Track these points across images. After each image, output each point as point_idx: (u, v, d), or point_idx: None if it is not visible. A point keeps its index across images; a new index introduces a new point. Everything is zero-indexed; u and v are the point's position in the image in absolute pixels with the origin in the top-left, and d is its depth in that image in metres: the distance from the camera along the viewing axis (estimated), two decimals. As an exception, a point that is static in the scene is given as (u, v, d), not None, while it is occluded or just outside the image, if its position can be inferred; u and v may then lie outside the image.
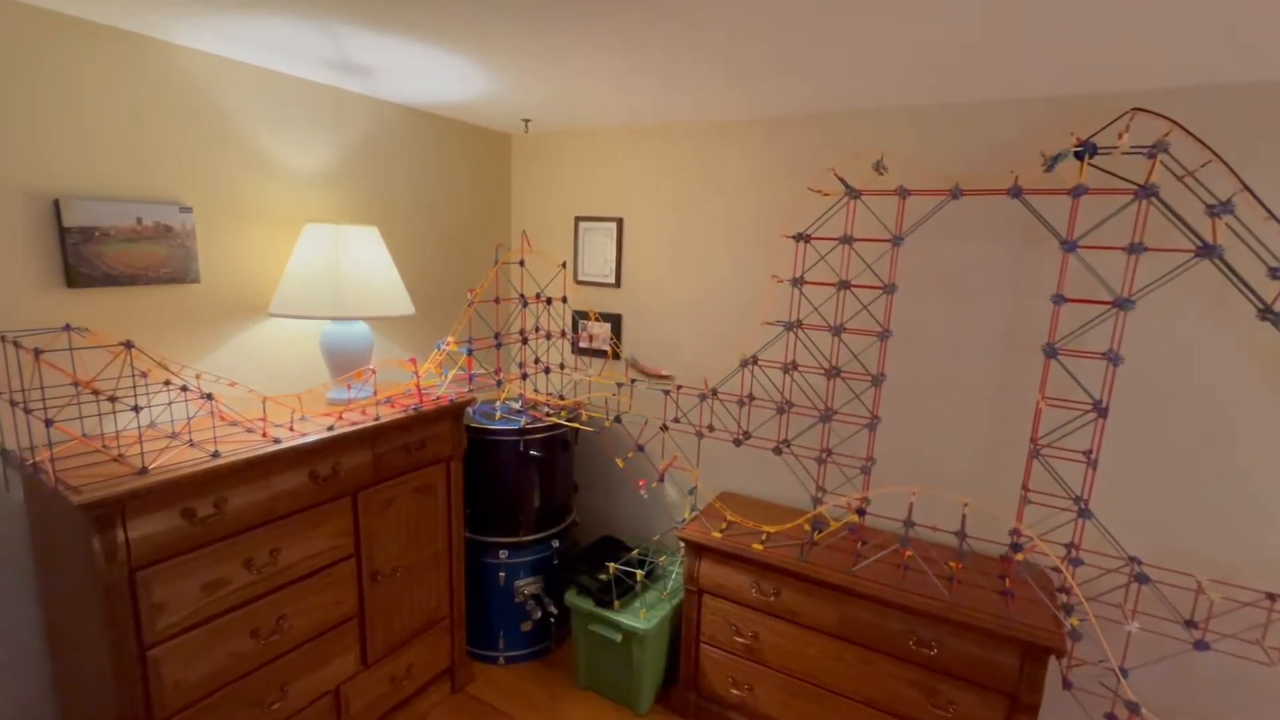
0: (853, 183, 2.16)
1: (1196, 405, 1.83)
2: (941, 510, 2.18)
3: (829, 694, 2.06)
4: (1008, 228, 2.01)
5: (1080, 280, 1.89)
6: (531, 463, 2.48)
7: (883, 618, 1.93)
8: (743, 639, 2.18)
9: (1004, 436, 2.09)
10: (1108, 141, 1.74)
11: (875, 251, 2.18)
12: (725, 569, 2.19)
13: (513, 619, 2.55)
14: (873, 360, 2.22)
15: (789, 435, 2.37)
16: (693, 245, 2.59)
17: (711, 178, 2.50)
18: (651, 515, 2.84)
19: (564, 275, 2.89)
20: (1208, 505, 1.85)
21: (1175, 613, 1.81)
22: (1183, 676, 1.91)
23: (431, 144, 2.57)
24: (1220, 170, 1.64)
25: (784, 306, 2.37)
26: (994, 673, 1.78)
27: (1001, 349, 2.07)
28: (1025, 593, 1.90)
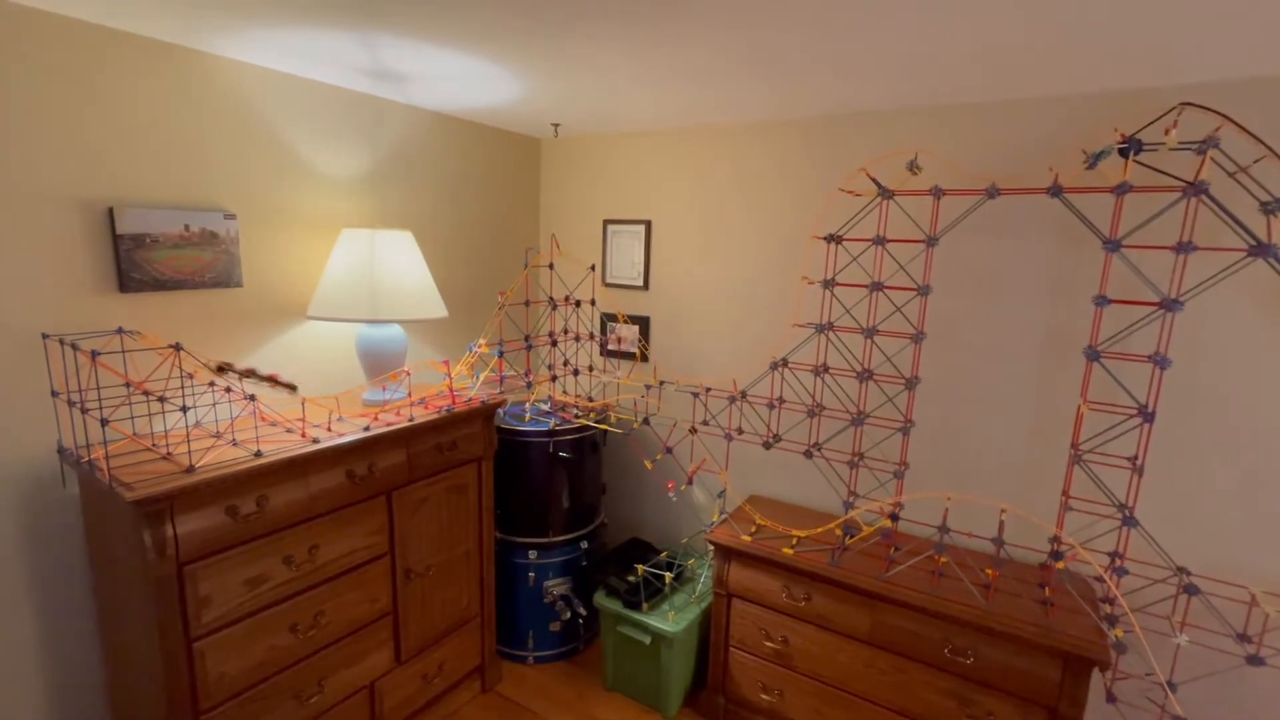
0: (885, 183, 2.13)
1: (1249, 410, 1.76)
2: (978, 516, 2.13)
3: (861, 701, 2.02)
4: (1046, 227, 1.96)
5: (1122, 281, 1.84)
6: (560, 464, 2.50)
7: (917, 625, 1.89)
8: (772, 644, 2.16)
9: (1043, 441, 2.04)
10: (1153, 138, 1.69)
11: (908, 253, 2.14)
12: (755, 573, 2.17)
13: (542, 619, 2.57)
14: (906, 363, 2.19)
15: (820, 439, 2.34)
16: (721, 247, 2.58)
17: (740, 179, 2.49)
18: (680, 518, 2.84)
19: (592, 278, 2.91)
20: (1261, 514, 1.77)
21: (1228, 626, 1.75)
22: (1235, 692, 1.83)
23: (464, 149, 2.61)
24: (1275, 167, 1.58)
25: (815, 308, 2.35)
26: (1033, 684, 1.73)
27: (1039, 351, 2.02)
28: (1066, 602, 1.84)
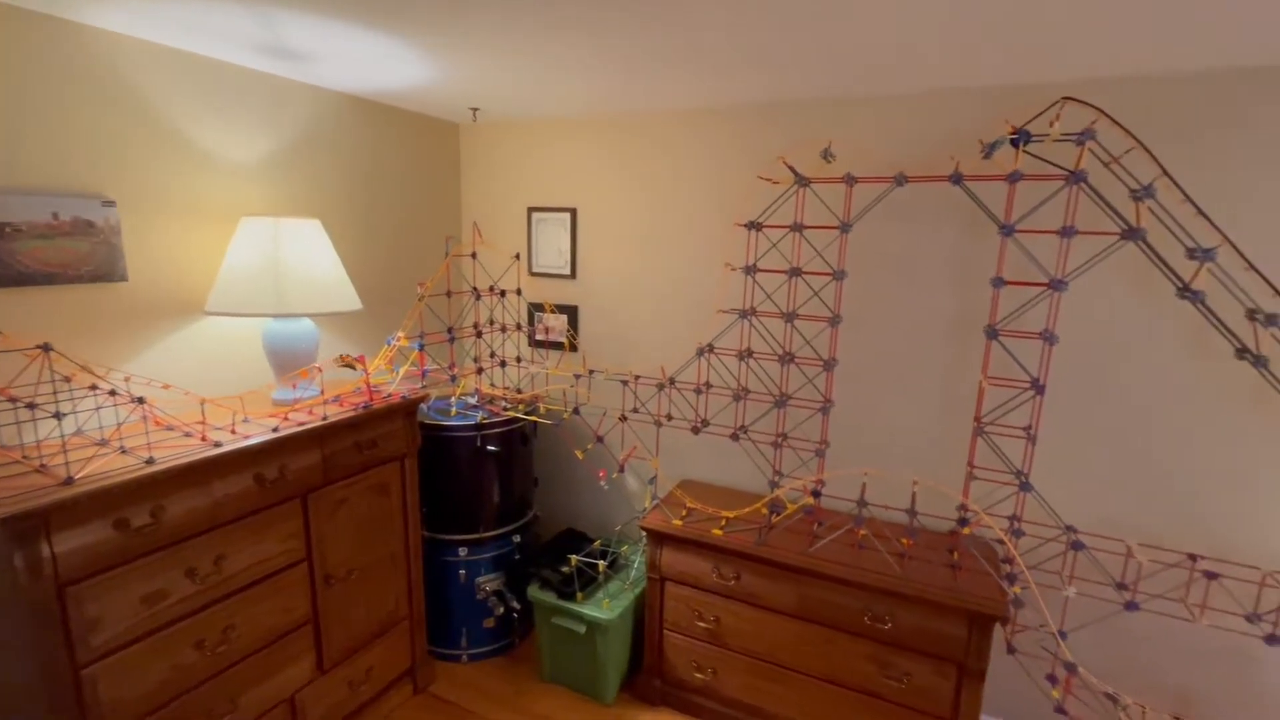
0: (803, 171, 2.19)
1: (1125, 380, 1.94)
2: (894, 489, 2.24)
3: (790, 673, 2.10)
4: (952, 214, 2.07)
5: (1017, 264, 1.97)
6: (489, 458, 2.45)
7: (840, 596, 1.98)
8: (705, 624, 2.21)
9: (951, 416, 2.17)
10: (1041, 129, 1.81)
11: (825, 239, 2.22)
12: (686, 555, 2.21)
13: (475, 616, 2.53)
14: (824, 345, 2.27)
15: (746, 421, 2.40)
16: (649, 235, 2.58)
17: (666, 167, 2.50)
18: (613, 506, 2.85)
19: (518, 267, 2.85)
20: (1136, 473, 1.96)
21: (1108, 576, 1.92)
22: (1115, 636, 2.02)
23: (376, 133, 2.49)
24: (1143, 156, 1.72)
25: (739, 295, 2.39)
26: (944, 642, 1.85)
27: (946, 331, 2.14)
28: (972, 565, 1.97)
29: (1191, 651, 1.94)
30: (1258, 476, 1.82)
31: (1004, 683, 2.18)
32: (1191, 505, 1.90)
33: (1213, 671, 1.93)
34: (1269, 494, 1.82)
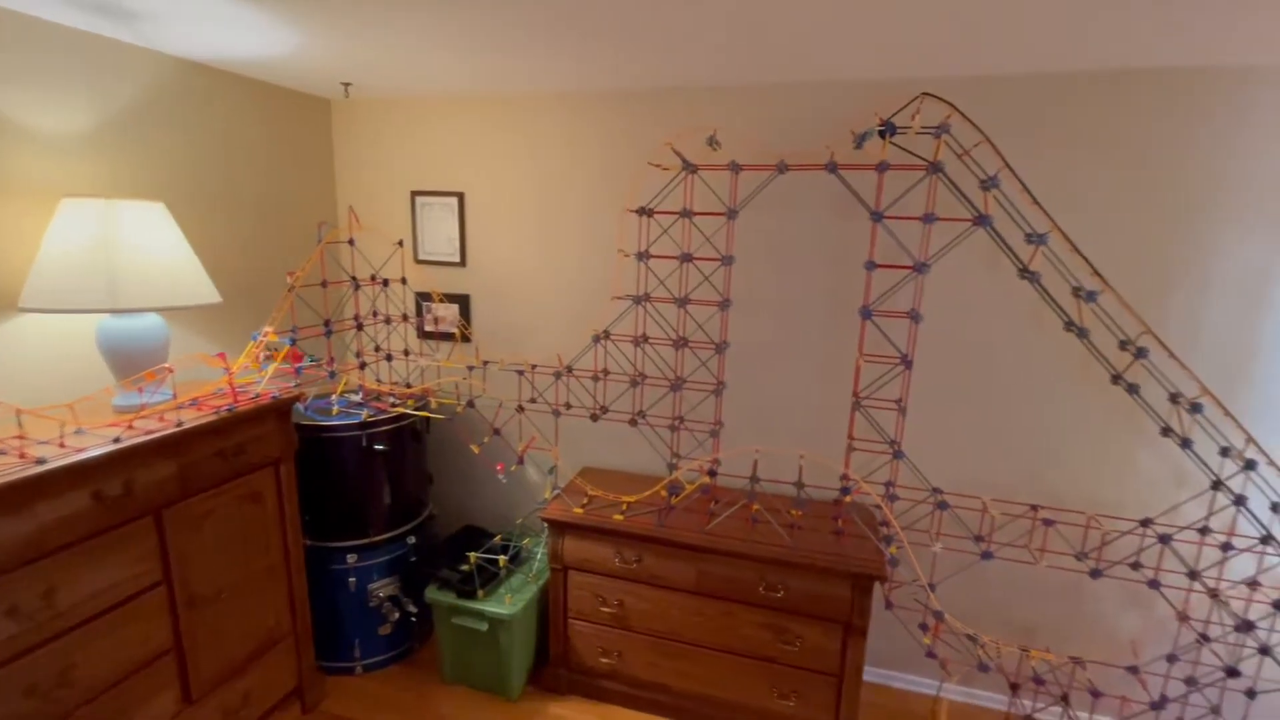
0: (690, 158, 2.22)
1: (979, 353, 2.14)
2: (784, 464, 2.36)
3: (693, 648, 2.17)
4: (829, 201, 2.18)
5: (889, 248, 2.11)
6: (377, 458, 2.32)
7: (736, 569, 2.06)
8: (609, 609, 2.22)
9: (833, 392, 2.30)
10: (904, 123, 1.94)
11: (714, 225, 2.27)
12: (588, 543, 2.21)
13: (369, 624, 2.39)
14: (716, 328, 2.33)
15: (644, 406, 2.42)
16: (542, 221, 2.53)
17: (558, 151, 2.45)
18: (513, 499, 2.79)
19: (401, 254, 2.70)
20: (990, 437, 2.18)
21: (968, 531, 2.13)
22: (974, 583, 2.25)
23: (232, 107, 2.25)
24: (991, 149, 1.90)
25: (632, 281, 2.40)
26: (831, 605, 1.98)
27: (828, 313, 2.27)
28: (854, 530, 2.12)
29: (1034, 590, 2.20)
30: (1085, 433, 2.08)
31: (884, 635, 2.37)
32: (1034, 462, 2.15)
33: (1052, 605, 2.20)
34: (1093, 448, 2.08)
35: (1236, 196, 1.87)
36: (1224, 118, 1.84)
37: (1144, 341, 1.88)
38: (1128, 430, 2.04)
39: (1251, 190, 1.85)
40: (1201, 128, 1.86)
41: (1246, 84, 1.80)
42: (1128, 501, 2.07)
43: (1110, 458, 2.08)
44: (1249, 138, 1.83)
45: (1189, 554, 1.98)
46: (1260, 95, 1.80)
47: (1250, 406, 1.94)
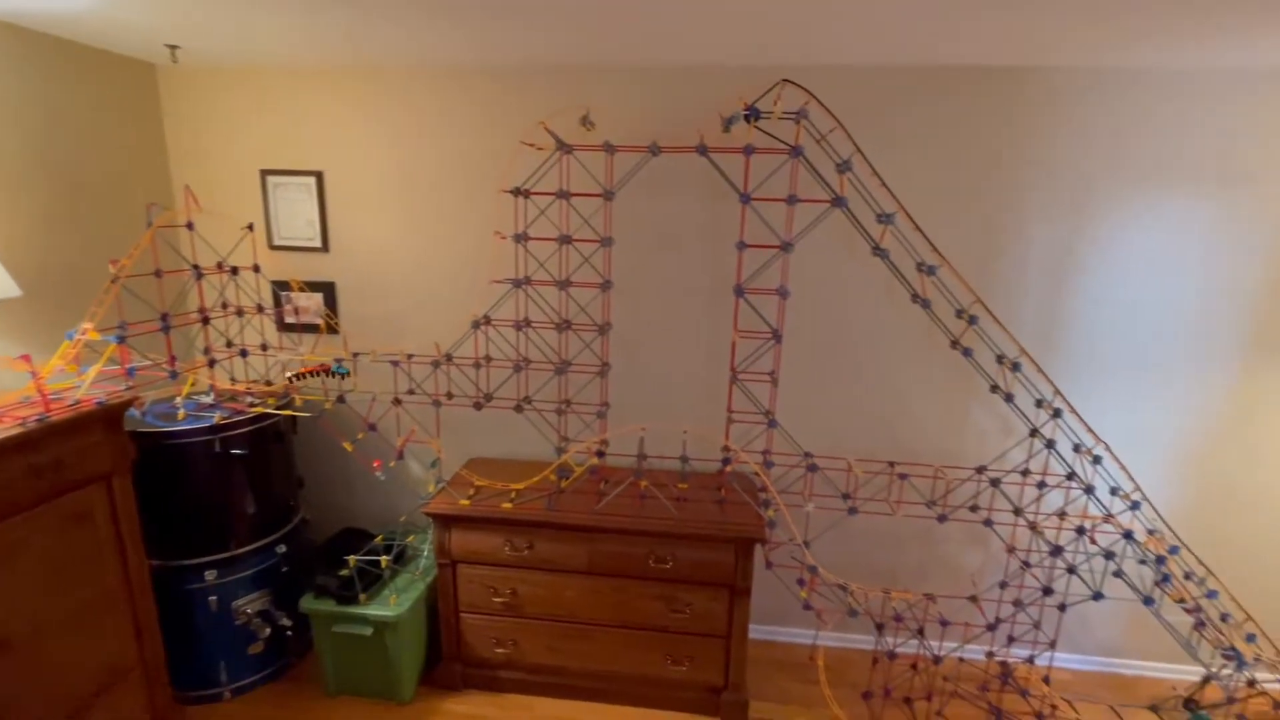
0: (565, 138, 2.19)
1: (840, 325, 2.31)
2: (669, 440, 2.42)
3: (589, 627, 2.19)
4: (703, 183, 2.25)
5: (758, 228, 2.21)
6: (235, 464, 2.11)
7: (627, 546, 2.10)
8: (502, 598, 2.19)
9: (712, 368, 2.40)
10: (767, 107, 2.03)
11: (591, 206, 2.26)
12: (477, 534, 2.16)
13: (236, 645, 2.20)
14: (599, 310, 2.34)
15: (529, 392, 2.39)
16: (412, 202, 2.40)
17: (427, 129, 2.33)
18: (396, 496, 2.66)
19: (252, 239, 2.46)
20: (853, 402, 2.36)
21: (836, 490, 2.31)
22: (843, 537, 2.45)
23: (32, 70, 1.92)
24: (845, 134, 2.04)
25: (511, 264, 2.34)
26: (717, 570, 2.07)
27: (705, 291, 2.35)
28: (735, 498, 2.23)
29: (893, 538, 2.44)
30: (931, 394, 2.32)
31: (765, 594, 2.52)
32: (890, 422, 2.36)
33: (908, 550, 2.45)
34: (938, 407, 2.33)
35: (1044, 184, 2.14)
36: (1033, 114, 2.09)
37: (975, 310, 2.12)
38: (965, 389, 2.29)
39: (1055, 179, 2.13)
40: (1016, 122, 2.10)
41: (1050, 84, 2.06)
42: (967, 452, 2.34)
43: (952, 414, 2.33)
44: (1052, 133, 2.10)
45: (1014, 493, 2.28)
46: (1061, 95, 2.06)
47: (1058, 363, 2.24)
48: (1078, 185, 2.12)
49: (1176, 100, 2.02)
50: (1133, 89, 2.03)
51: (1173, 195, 2.09)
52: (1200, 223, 2.09)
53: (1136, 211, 2.11)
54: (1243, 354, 2.16)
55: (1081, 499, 2.24)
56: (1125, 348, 2.21)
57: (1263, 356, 2.16)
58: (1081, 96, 2.05)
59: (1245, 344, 2.16)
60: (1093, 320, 2.20)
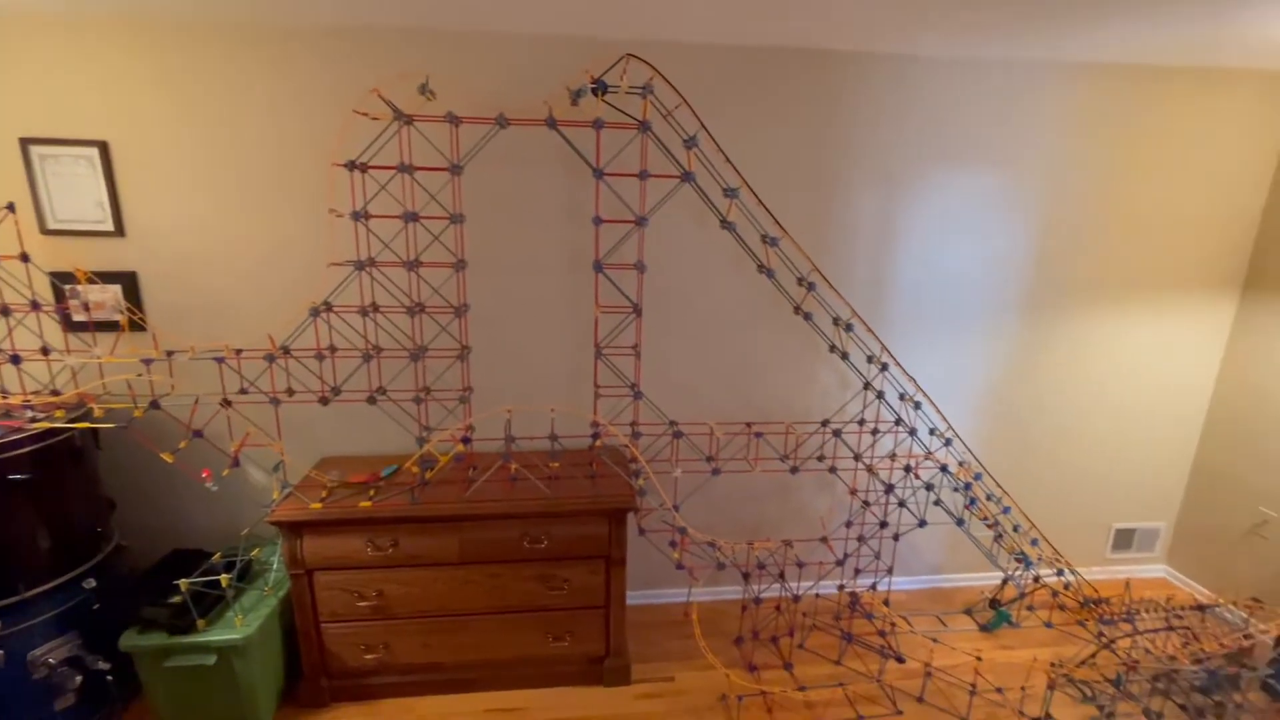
0: (403, 108, 2.04)
1: (697, 296, 2.40)
2: (538, 420, 2.40)
3: (465, 618, 2.13)
4: (559, 157, 2.20)
5: (614, 203, 2.22)
6: (16, 491, 1.78)
7: (499, 530, 2.06)
8: (367, 602, 2.06)
9: (578, 344, 2.39)
10: (614, 81, 2.04)
11: (439, 181, 2.15)
12: (334, 538, 2.00)
13: (36, 703, 1.87)
14: (454, 291, 2.24)
15: (383, 382, 2.24)
16: (230, 178, 2.12)
17: (241, 94, 2.06)
18: (234, 508, 2.39)
19: (15, 223, 2.05)
20: (711, 369, 2.48)
21: (700, 453, 2.43)
22: (709, 497, 2.59)
23: None
24: (692, 110, 2.10)
25: (352, 244, 2.16)
26: (591, 543, 2.10)
27: (566, 268, 2.33)
28: (606, 471, 2.27)
29: (754, 493, 2.62)
30: (780, 357, 2.50)
31: (640, 560, 2.61)
32: (746, 386, 2.51)
33: (767, 503, 2.64)
34: (787, 368, 2.51)
35: (866, 159, 2.35)
36: (853, 95, 2.28)
37: (813, 277, 2.30)
38: (809, 350, 2.49)
39: (874, 155, 2.35)
40: (840, 102, 2.29)
41: (864, 68, 2.26)
42: (813, 408, 2.56)
43: (799, 374, 2.52)
44: (869, 113, 2.30)
45: (853, 441, 2.53)
46: (874, 79, 2.27)
47: (884, 322, 2.50)
48: (892, 161, 2.36)
49: (959, 88, 2.31)
50: (928, 77, 2.29)
51: (961, 172, 2.39)
52: (983, 196, 2.42)
53: (936, 185, 2.39)
54: (1022, 308, 2.56)
55: (907, 441, 2.54)
56: (936, 305, 2.52)
57: (1037, 311, 2.56)
58: (890, 81, 2.28)
59: (1024, 300, 2.55)
60: (910, 282, 2.48)
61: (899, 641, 2.45)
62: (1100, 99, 2.36)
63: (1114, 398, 2.70)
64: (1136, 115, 2.39)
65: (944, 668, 2.32)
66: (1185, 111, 2.40)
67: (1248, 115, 2.43)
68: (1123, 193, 2.47)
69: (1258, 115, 2.43)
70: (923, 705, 2.14)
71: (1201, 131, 2.43)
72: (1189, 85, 2.38)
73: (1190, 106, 2.40)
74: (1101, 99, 2.36)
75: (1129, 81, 2.35)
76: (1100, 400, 2.70)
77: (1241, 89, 2.39)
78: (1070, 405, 2.69)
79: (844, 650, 2.40)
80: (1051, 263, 2.51)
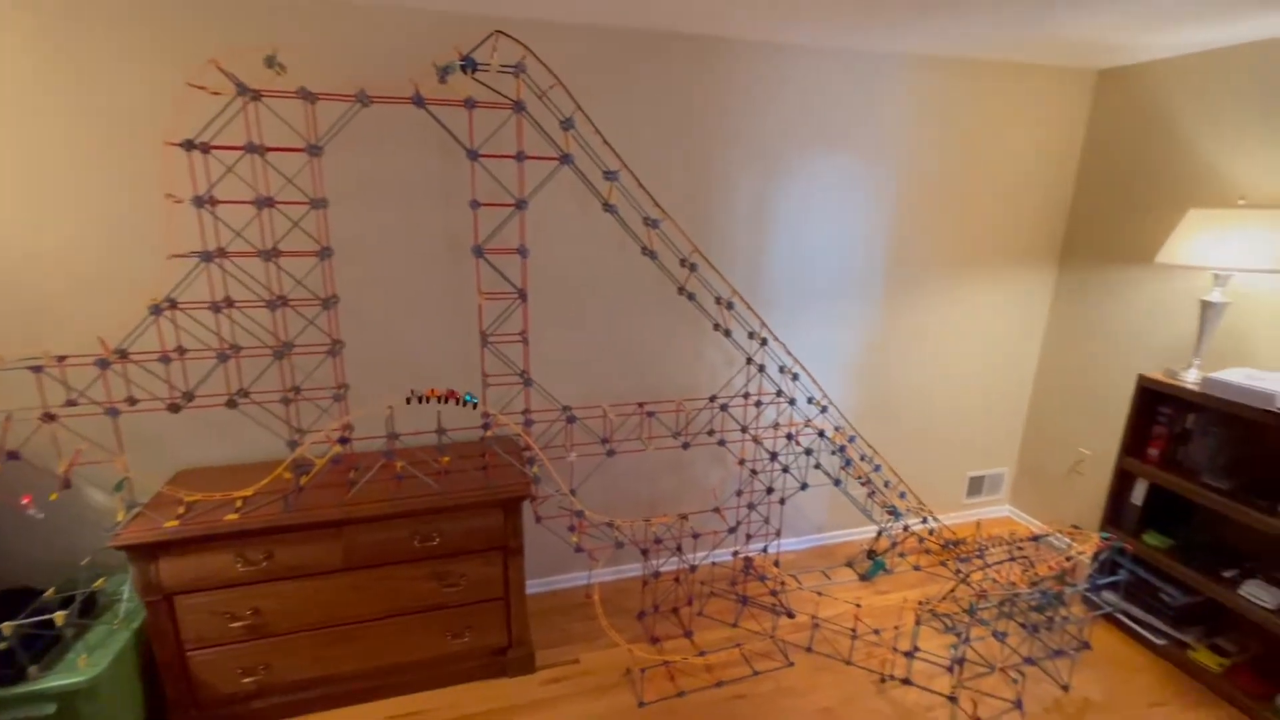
0: (247, 81, 1.86)
1: (584, 278, 2.40)
2: (425, 414, 2.31)
3: (355, 626, 2.03)
4: (431, 138, 2.10)
5: (492, 186, 2.15)
6: None
7: (387, 531, 1.97)
8: (242, 622, 1.90)
9: (462, 333, 2.32)
10: (484, 59, 1.97)
11: (296, 162, 1.98)
12: (196, 557, 1.82)
13: None
14: (320, 282, 2.08)
15: (244, 383, 2.06)
16: (39, 160, 1.83)
17: (46, 61, 1.78)
18: (71, 536, 2.11)
19: None
20: (602, 352, 2.49)
21: (595, 436, 2.45)
22: (606, 478, 2.62)
23: None
24: (566, 92, 2.07)
25: (197, 233, 1.95)
26: (486, 535, 2.06)
27: (445, 254, 2.23)
28: (499, 461, 2.22)
29: (649, 471, 2.68)
30: (669, 337, 2.55)
31: (539, 548, 2.59)
32: (638, 367, 2.55)
33: (662, 479, 2.71)
34: (676, 347, 2.57)
35: (741, 142, 2.43)
36: (726, 79, 2.35)
37: (694, 258, 2.37)
38: (695, 329, 2.57)
39: (748, 138, 2.44)
40: (715, 85, 2.34)
41: (735, 53, 2.33)
42: (701, 385, 2.65)
43: (687, 353, 2.60)
44: (741, 97, 2.39)
45: (740, 414, 2.65)
46: (743, 64, 2.35)
47: (763, 299, 2.63)
48: (766, 145, 2.46)
49: (823, 75, 2.45)
50: (795, 64, 2.40)
51: (828, 155, 2.55)
52: (847, 178, 2.60)
53: (806, 168, 2.53)
54: (883, 282, 2.78)
55: (788, 410, 2.70)
56: (809, 282, 2.67)
57: (894, 284, 2.80)
58: (762, 68, 2.37)
59: (884, 274, 2.77)
60: (786, 259, 2.62)
61: (789, 599, 2.62)
62: (938, 89, 2.59)
63: (960, 360, 3.02)
64: (967, 104, 2.65)
65: (829, 618, 2.51)
66: (1007, 101, 2.70)
67: (1056, 105, 2.76)
68: (959, 175, 2.74)
69: (1063, 105, 2.77)
70: (811, 654, 2.31)
71: (1020, 119, 2.74)
72: (1011, 78, 2.67)
73: (1011, 97, 2.70)
74: (939, 89, 2.59)
75: (961, 73, 2.60)
76: (949, 363, 3.00)
77: (1051, 82, 2.72)
78: (925, 369, 2.97)
79: (740, 613, 2.53)
80: (904, 240, 2.75)
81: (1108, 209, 2.75)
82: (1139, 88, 2.59)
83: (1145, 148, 2.57)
